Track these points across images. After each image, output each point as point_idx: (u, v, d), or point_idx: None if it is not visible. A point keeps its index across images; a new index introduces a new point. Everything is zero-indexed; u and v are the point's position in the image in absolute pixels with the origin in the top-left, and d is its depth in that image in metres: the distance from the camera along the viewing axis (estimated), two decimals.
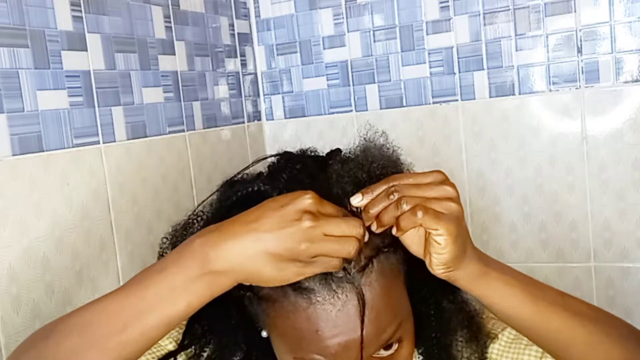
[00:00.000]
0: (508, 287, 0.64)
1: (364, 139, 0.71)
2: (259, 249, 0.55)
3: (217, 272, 0.56)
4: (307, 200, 0.56)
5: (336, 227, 0.56)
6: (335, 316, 0.61)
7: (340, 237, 0.56)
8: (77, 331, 0.58)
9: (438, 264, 0.61)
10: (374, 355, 0.64)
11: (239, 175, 0.73)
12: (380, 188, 0.60)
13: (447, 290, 0.70)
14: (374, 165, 0.67)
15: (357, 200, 0.60)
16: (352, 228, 0.57)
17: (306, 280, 0.61)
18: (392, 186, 0.59)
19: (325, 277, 0.60)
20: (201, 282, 0.56)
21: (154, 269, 0.59)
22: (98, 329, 0.58)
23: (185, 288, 0.57)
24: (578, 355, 0.65)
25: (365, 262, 0.62)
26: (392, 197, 0.58)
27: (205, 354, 0.71)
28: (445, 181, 0.60)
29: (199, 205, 0.73)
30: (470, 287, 0.64)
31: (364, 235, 0.58)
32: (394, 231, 0.60)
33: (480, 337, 0.73)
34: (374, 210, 0.59)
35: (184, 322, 0.72)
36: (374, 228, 0.60)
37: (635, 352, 0.66)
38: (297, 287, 0.61)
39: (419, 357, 0.75)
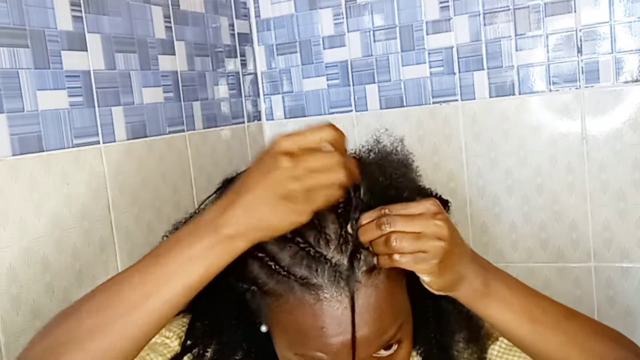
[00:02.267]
0: (508, 308, 0.65)
1: (376, 141, 0.71)
2: (254, 205, 0.57)
3: (231, 236, 0.58)
4: (281, 143, 0.57)
5: (314, 161, 0.56)
6: (341, 314, 0.61)
7: (325, 168, 0.57)
8: (94, 311, 0.60)
9: (431, 289, 0.63)
10: (373, 355, 0.64)
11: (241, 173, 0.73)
12: (371, 216, 0.62)
13: None
14: (389, 171, 0.68)
15: (350, 231, 0.62)
16: (330, 158, 0.57)
17: (314, 277, 0.61)
18: (384, 215, 0.60)
19: (334, 275, 0.61)
20: (217, 249, 0.59)
21: (170, 242, 0.61)
22: (117, 306, 0.59)
23: (203, 256, 0.59)
24: None
25: (373, 263, 0.63)
26: (383, 227, 0.60)
27: (208, 354, 0.71)
28: (437, 214, 0.61)
29: (202, 203, 0.73)
30: (470, 306, 0.66)
31: (344, 159, 0.58)
32: (374, 260, 0.62)
33: (479, 338, 0.74)
34: (364, 238, 0.61)
35: (186, 324, 0.73)
36: (375, 261, 0.62)
37: None
38: (305, 282, 0.61)
39: (418, 358, 0.75)
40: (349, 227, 0.62)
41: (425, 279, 0.61)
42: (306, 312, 0.62)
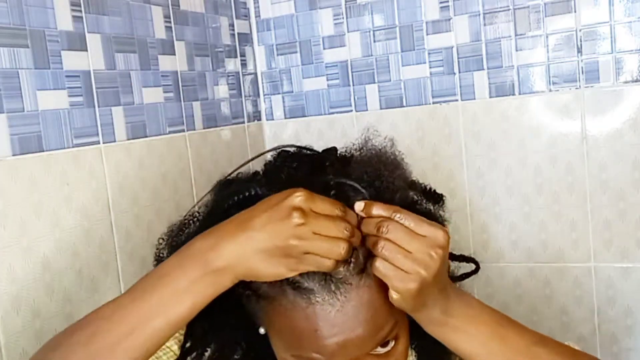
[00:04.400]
0: (465, 339, 0.65)
1: (366, 140, 0.72)
2: (251, 246, 0.57)
3: (217, 271, 0.58)
4: (297, 197, 0.57)
5: (325, 227, 0.57)
6: (334, 316, 0.61)
7: (329, 237, 0.57)
8: (83, 342, 0.60)
9: (392, 302, 0.62)
10: (370, 353, 0.64)
11: (235, 174, 0.73)
12: (381, 211, 0.61)
13: None
14: (380, 167, 0.68)
15: (358, 208, 0.62)
16: (339, 230, 0.57)
17: (305, 281, 0.61)
18: (387, 219, 0.60)
19: (325, 278, 0.61)
20: (203, 283, 0.58)
21: (156, 274, 0.61)
22: (105, 338, 0.59)
23: (188, 290, 0.58)
24: None
25: (364, 263, 0.63)
26: (381, 230, 0.59)
27: (207, 354, 0.71)
28: (440, 247, 0.60)
29: (194, 206, 0.73)
30: (428, 331, 0.66)
31: (352, 237, 0.59)
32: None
33: None
34: (363, 229, 0.61)
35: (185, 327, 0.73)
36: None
37: None
38: (297, 286, 0.61)
39: (412, 352, 0.75)
40: (356, 205, 0.62)
41: (394, 296, 0.61)
42: (299, 315, 0.62)
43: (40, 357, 0.63)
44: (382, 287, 0.63)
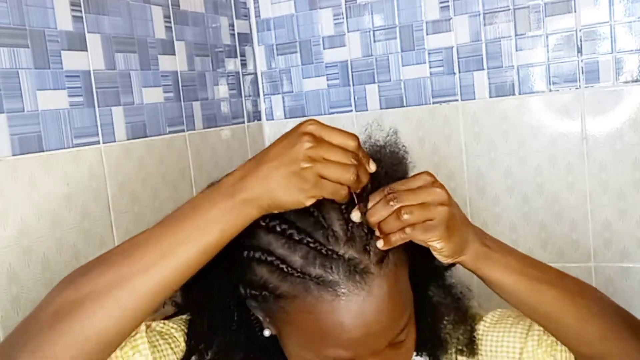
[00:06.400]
0: (508, 267, 0.68)
1: (369, 136, 0.73)
2: (270, 175, 0.60)
3: (245, 201, 0.60)
4: (308, 125, 0.60)
5: (333, 153, 0.59)
6: (360, 307, 0.62)
7: (339, 163, 0.59)
8: (117, 264, 0.61)
9: (442, 258, 0.65)
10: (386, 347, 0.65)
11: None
12: (376, 198, 0.63)
13: (435, 275, 0.73)
14: (387, 162, 0.70)
15: (356, 218, 0.63)
16: (345, 158, 0.60)
17: (330, 274, 0.62)
18: (390, 193, 0.62)
19: (349, 270, 0.62)
20: (232, 213, 0.61)
21: (187, 207, 0.64)
22: (138, 260, 0.61)
23: (219, 219, 0.61)
24: (567, 327, 0.70)
25: (383, 253, 0.63)
26: (391, 203, 0.62)
27: (209, 355, 0.71)
28: (435, 183, 0.65)
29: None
30: (475, 268, 0.68)
31: (359, 166, 0.61)
32: (379, 244, 0.63)
33: (467, 319, 0.76)
34: (374, 219, 0.62)
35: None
36: (379, 244, 0.63)
37: (618, 329, 0.71)
38: (321, 280, 0.62)
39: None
40: (352, 215, 0.63)
41: (437, 245, 0.63)
42: (325, 309, 0.62)
43: (65, 286, 0.64)
44: (399, 277, 0.64)
